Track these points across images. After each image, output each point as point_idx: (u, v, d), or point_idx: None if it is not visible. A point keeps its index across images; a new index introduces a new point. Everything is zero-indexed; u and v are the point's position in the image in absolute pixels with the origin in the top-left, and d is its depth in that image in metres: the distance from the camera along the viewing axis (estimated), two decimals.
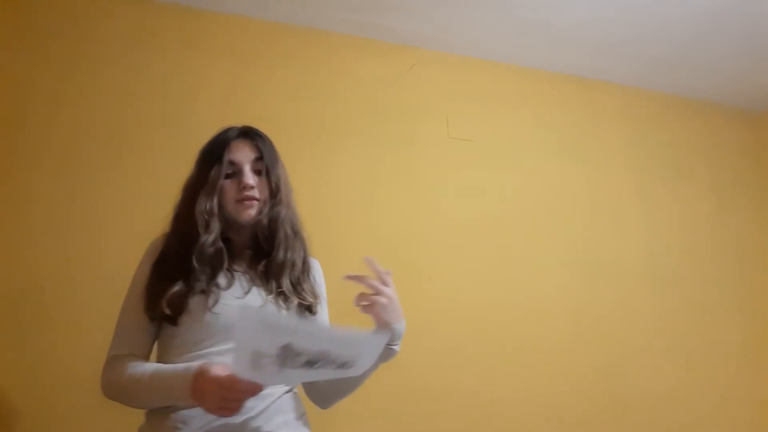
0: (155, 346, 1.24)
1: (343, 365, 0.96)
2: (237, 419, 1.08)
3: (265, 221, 1.24)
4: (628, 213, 2.69)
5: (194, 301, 1.15)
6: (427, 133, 2.42)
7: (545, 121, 2.63)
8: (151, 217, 1.99)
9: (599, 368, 2.46)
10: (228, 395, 0.96)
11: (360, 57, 2.37)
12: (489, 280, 2.37)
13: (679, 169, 2.84)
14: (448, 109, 2.47)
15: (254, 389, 0.96)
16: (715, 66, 2.64)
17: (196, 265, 1.16)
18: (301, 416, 1.22)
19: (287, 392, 1.19)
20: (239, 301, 1.17)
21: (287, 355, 0.91)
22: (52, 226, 1.86)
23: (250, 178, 1.24)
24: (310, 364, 0.93)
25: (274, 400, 1.14)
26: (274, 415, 1.13)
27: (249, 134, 1.30)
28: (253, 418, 1.10)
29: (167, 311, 1.14)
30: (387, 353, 1.21)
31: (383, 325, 1.17)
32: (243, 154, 1.26)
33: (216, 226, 1.21)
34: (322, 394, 1.30)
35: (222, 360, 1.08)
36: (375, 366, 1.23)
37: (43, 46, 1.95)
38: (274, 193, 1.27)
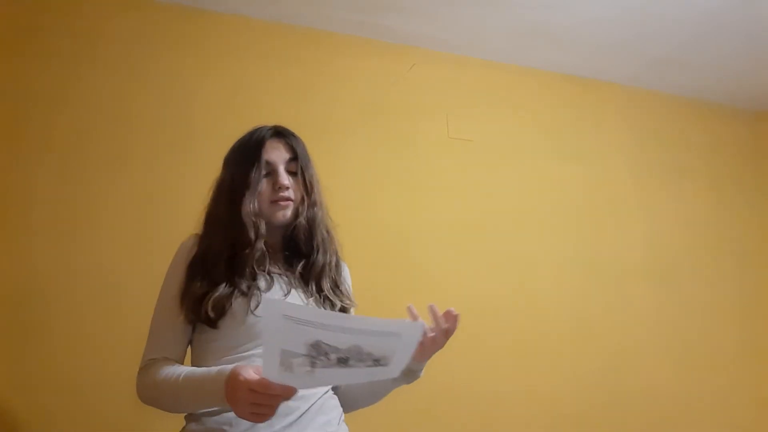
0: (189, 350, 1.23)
1: (378, 361, 0.92)
2: (281, 422, 1.07)
3: (304, 222, 1.23)
4: (627, 212, 2.69)
5: (236, 304, 1.13)
6: (427, 133, 2.42)
7: (545, 121, 2.64)
8: (153, 218, 2.00)
9: (599, 367, 2.47)
10: (259, 400, 0.93)
11: (360, 57, 2.37)
12: (489, 279, 2.38)
13: (678, 168, 2.84)
14: (448, 109, 2.47)
15: (287, 393, 0.93)
16: (715, 66, 2.64)
17: (256, 269, 1.16)
18: (340, 415, 1.22)
19: (326, 392, 1.18)
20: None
21: (318, 353, 0.88)
22: (53, 227, 1.86)
23: (285, 179, 1.23)
24: (343, 361, 0.89)
25: (316, 401, 1.14)
26: (316, 415, 1.13)
27: (283, 134, 1.30)
28: (297, 419, 1.09)
29: (211, 314, 1.11)
30: (412, 377, 1.25)
31: (421, 357, 1.20)
32: (277, 154, 1.25)
33: (264, 228, 1.20)
34: (343, 401, 1.28)
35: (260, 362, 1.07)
36: (398, 384, 1.25)
37: (45, 47, 1.95)
38: (309, 193, 1.26)
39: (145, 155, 2.00)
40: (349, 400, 1.29)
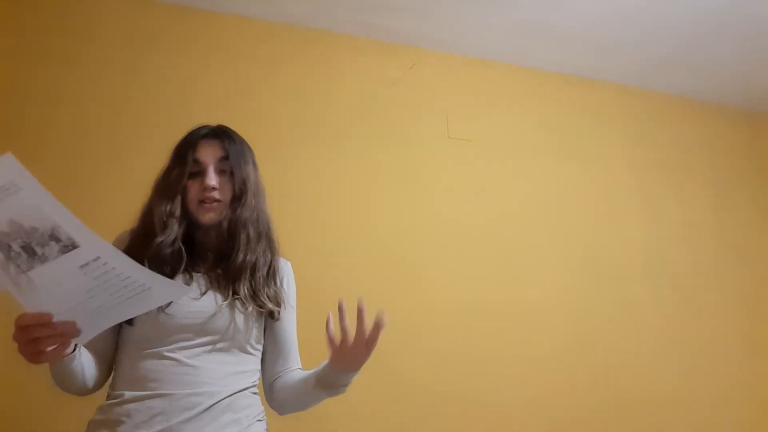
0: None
1: (59, 240, 0.90)
2: (180, 416, 1.07)
3: (225, 224, 1.21)
4: (627, 213, 2.69)
5: None
6: (427, 133, 2.42)
7: (545, 121, 2.63)
8: None
9: (599, 369, 2.46)
10: (17, 338, 0.94)
11: (360, 57, 2.37)
12: (488, 279, 2.37)
13: (678, 168, 2.84)
14: (448, 109, 2.47)
15: (37, 319, 0.92)
16: (714, 66, 2.64)
17: (151, 263, 1.15)
18: (256, 416, 1.20)
19: (241, 390, 1.18)
20: (195, 302, 1.16)
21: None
22: None
23: (212, 180, 1.21)
24: (29, 251, 0.89)
25: (224, 398, 1.13)
26: (222, 413, 1.12)
27: (217, 133, 1.28)
28: (197, 415, 1.09)
29: None
30: (333, 389, 1.17)
31: (336, 363, 1.13)
32: (209, 153, 1.24)
33: (175, 228, 1.19)
34: (279, 402, 1.28)
35: (168, 360, 1.11)
36: (321, 395, 1.20)
37: (42, 46, 1.95)
38: (238, 195, 1.23)
39: (143, 154, 1.99)
40: (280, 402, 1.27)
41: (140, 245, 1.19)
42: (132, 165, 1.98)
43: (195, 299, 1.17)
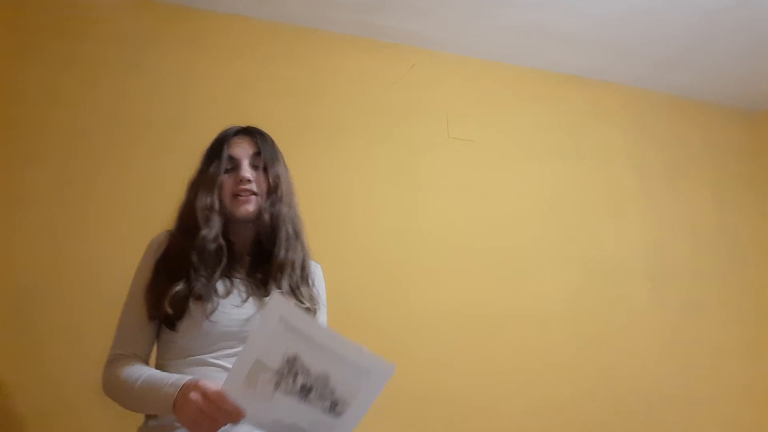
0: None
1: (335, 406, 0.95)
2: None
3: (266, 217, 1.23)
4: (628, 213, 2.68)
5: (193, 308, 1.14)
6: (427, 133, 2.42)
7: (546, 121, 2.63)
8: (148, 217, 1.98)
9: (601, 371, 2.45)
10: (207, 409, 0.94)
11: (360, 57, 2.36)
12: (489, 280, 2.37)
13: (679, 169, 2.83)
14: (448, 109, 2.47)
15: (235, 414, 0.93)
16: (715, 67, 2.63)
17: (195, 259, 1.16)
18: None
19: None
20: (237, 310, 1.17)
21: (288, 371, 0.91)
22: (49, 225, 1.85)
23: (247, 172, 1.23)
24: (305, 391, 0.93)
25: None
26: None
27: (249, 131, 1.31)
28: None
29: (169, 311, 1.13)
30: None
31: None
32: (241, 149, 1.27)
33: (217, 222, 1.20)
34: None
35: (213, 368, 1.11)
36: None
37: (40, 46, 1.95)
38: (273, 189, 1.25)
39: (142, 154, 1.99)
40: None
41: (185, 243, 1.19)
42: (130, 165, 1.98)
43: (237, 306, 1.18)
